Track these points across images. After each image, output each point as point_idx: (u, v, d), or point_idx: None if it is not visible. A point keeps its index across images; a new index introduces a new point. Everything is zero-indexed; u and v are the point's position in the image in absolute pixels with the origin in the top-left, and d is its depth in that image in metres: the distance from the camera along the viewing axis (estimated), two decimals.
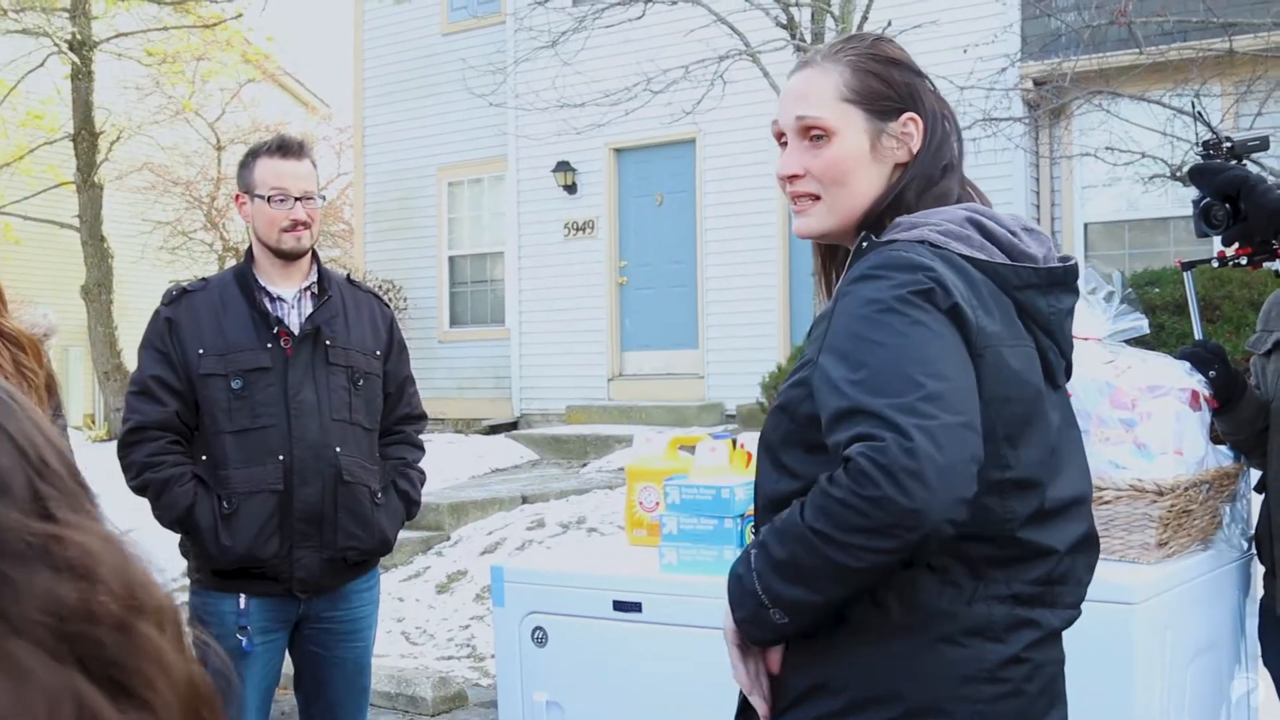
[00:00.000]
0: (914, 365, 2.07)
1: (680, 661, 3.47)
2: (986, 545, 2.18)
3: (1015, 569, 2.21)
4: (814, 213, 2.42)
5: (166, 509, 4.34)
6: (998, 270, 2.24)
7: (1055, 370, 2.35)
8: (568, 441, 15.30)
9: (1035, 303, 2.28)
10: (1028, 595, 2.22)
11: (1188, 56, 11.92)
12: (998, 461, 2.17)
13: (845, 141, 2.36)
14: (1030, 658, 2.22)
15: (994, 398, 2.16)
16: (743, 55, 12.47)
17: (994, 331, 2.19)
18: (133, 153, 23.69)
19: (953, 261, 2.20)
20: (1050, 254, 2.35)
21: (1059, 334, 2.34)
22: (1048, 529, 2.24)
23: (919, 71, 2.41)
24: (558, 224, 18.11)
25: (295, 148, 4.58)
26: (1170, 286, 11.76)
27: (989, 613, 2.18)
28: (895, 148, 2.35)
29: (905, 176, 2.34)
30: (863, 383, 2.08)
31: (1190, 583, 3.46)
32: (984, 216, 2.29)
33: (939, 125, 2.37)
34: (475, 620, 9.28)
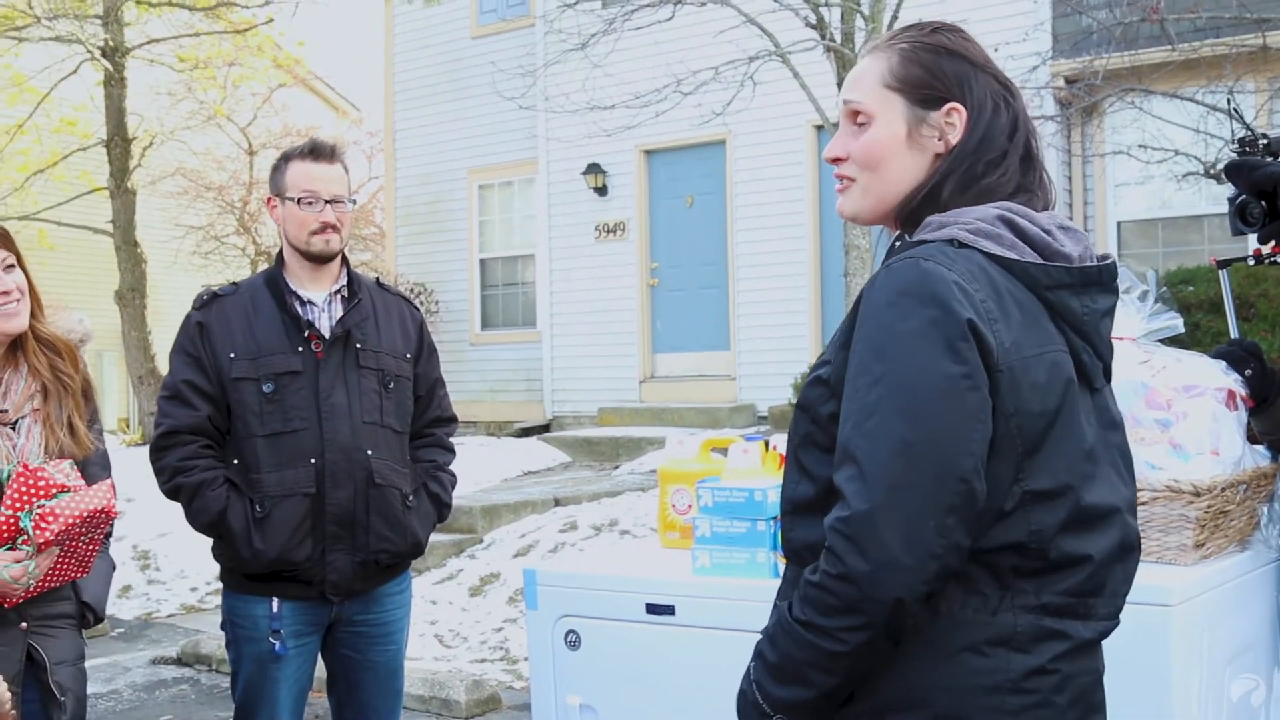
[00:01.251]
0: (900, 413, 2.09)
1: (714, 665, 3.45)
2: (1013, 555, 2.16)
3: (1044, 579, 2.18)
4: (850, 194, 2.42)
5: (199, 513, 4.35)
6: (1027, 270, 2.20)
7: (1091, 373, 2.30)
8: (599, 444, 15.29)
9: (1068, 303, 2.24)
10: (1057, 606, 2.19)
11: (1221, 53, 11.85)
12: (1015, 475, 2.15)
13: (881, 127, 2.35)
14: (1058, 669, 2.19)
15: (1012, 412, 2.14)
16: (772, 56, 12.44)
17: (1014, 343, 2.15)
18: (165, 158, 23.77)
19: (976, 263, 2.18)
20: (1087, 253, 2.31)
21: (1094, 335, 2.29)
22: (1081, 537, 2.21)
23: (977, 64, 2.36)
24: (589, 226, 18.11)
25: (327, 151, 4.59)
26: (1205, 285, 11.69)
27: (1014, 623, 2.16)
28: (934, 138, 2.33)
29: (943, 168, 2.31)
30: (856, 422, 2.13)
31: (1228, 584, 3.42)
32: (1017, 215, 2.25)
33: (989, 119, 2.32)
34: (508, 623, 9.28)
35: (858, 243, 12.05)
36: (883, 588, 2.05)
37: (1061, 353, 2.23)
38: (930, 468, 2.06)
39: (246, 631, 4.46)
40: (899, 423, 2.08)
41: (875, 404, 2.11)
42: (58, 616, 3.91)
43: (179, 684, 8.63)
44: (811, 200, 16.13)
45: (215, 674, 8.65)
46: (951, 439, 2.08)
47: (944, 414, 2.08)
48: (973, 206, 2.27)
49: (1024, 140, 2.36)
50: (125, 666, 9.11)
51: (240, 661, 4.50)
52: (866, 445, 2.10)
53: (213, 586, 10.95)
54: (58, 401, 3.92)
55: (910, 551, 2.04)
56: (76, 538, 3.73)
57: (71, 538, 3.71)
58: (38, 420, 3.87)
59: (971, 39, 2.41)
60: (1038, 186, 2.37)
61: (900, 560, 2.04)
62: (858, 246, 12.05)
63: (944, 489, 2.06)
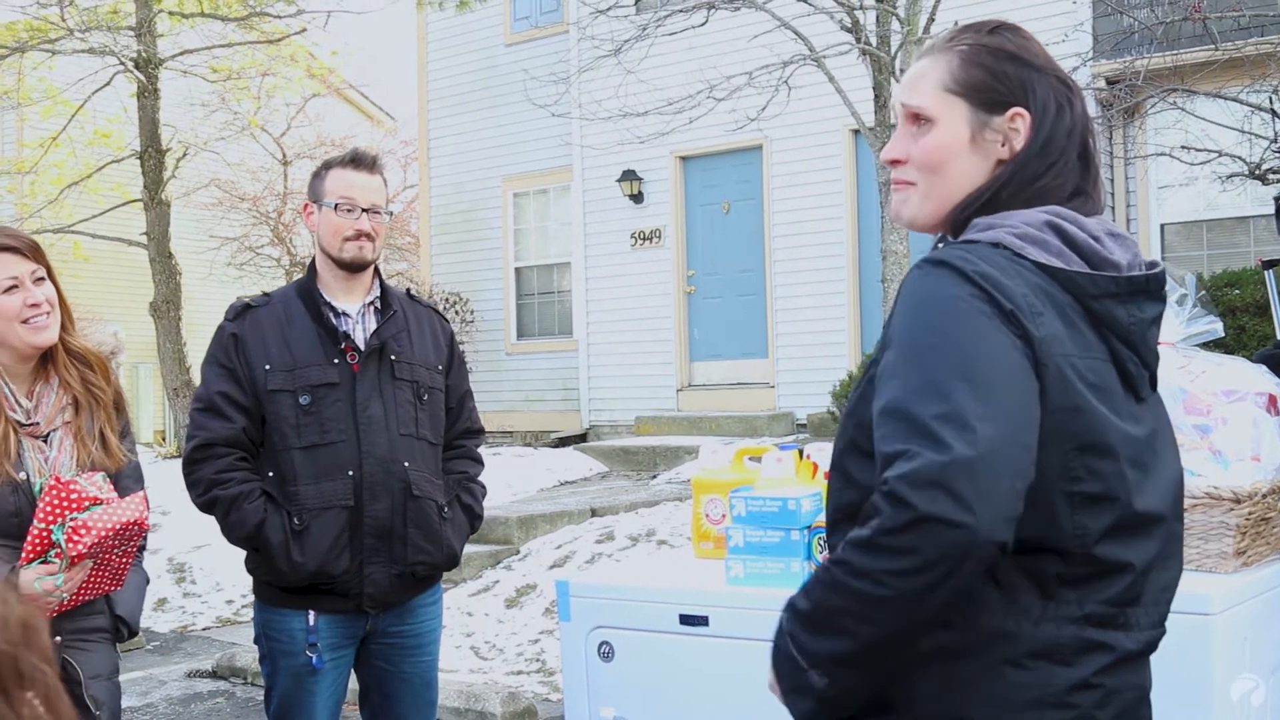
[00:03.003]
0: (962, 373, 2.03)
1: (748, 676, 3.41)
2: (1058, 561, 2.12)
3: (1089, 587, 2.14)
4: (910, 199, 2.39)
5: (235, 526, 4.34)
6: (1073, 278, 2.16)
7: (1137, 381, 2.26)
8: (637, 453, 15.28)
9: (1114, 312, 2.20)
10: (1100, 616, 2.15)
11: (1265, 51, 11.74)
12: (1066, 474, 2.11)
13: (944, 130, 2.32)
14: (1101, 683, 2.15)
15: (1060, 408, 2.10)
16: (807, 60, 12.40)
17: (1059, 341, 2.12)
18: (199, 169, 23.91)
19: (1023, 267, 2.14)
20: (1135, 260, 2.27)
21: (1140, 344, 2.25)
22: (1126, 544, 2.17)
23: (1038, 66, 2.33)
24: (624, 234, 18.11)
25: (368, 161, 4.60)
26: (1251, 288, 11.59)
27: (1057, 634, 2.12)
28: (998, 143, 2.29)
29: (1006, 172, 2.28)
30: (914, 387, 2.05)
31: (1270, 592, 3.38)
32: (1066, 220, 2.22)
33: (1053, 122, 2.28)
34: (545, 634, 9.26)
35: (895, 248, 12.00)
36: (956, 536, 1.95)
37: (1104, 362, 2.19)
38: (1002, 433, 2.00)
39: (282, 645, 4.45)
40: (963, 387, 2.01)
41: (934, 368, 2.05)
42: (91, 630, 3.91)
43: (214, 697, 8.63)
44: (849, 205, 16.09)
45: (251, 687, 8.64)
46: (1018, 407, 2.03)
47: (1007, 383, 2.04)
48: (1021, 210, 2.23)
49: (1080, 138, 2.32)
50: (160, 680, 9.12)
51: (275, 676, 4.49)
52: (926, 400, 2.03)
53: (249, 599, 10.95)
54: (89, 414, 3.92)
55: (988, 503, 1.95)
56: (109, 550, 3.72)
57: (104, 550, 3.70)
58: (69, 433, 3.87)
59: (1031, 38, 2.38)
60: (1093, 188, 2.33)
61: (976, 512, 1.94)
62: (895, 252, 12.00)
63: (1014, 449, 2.00)
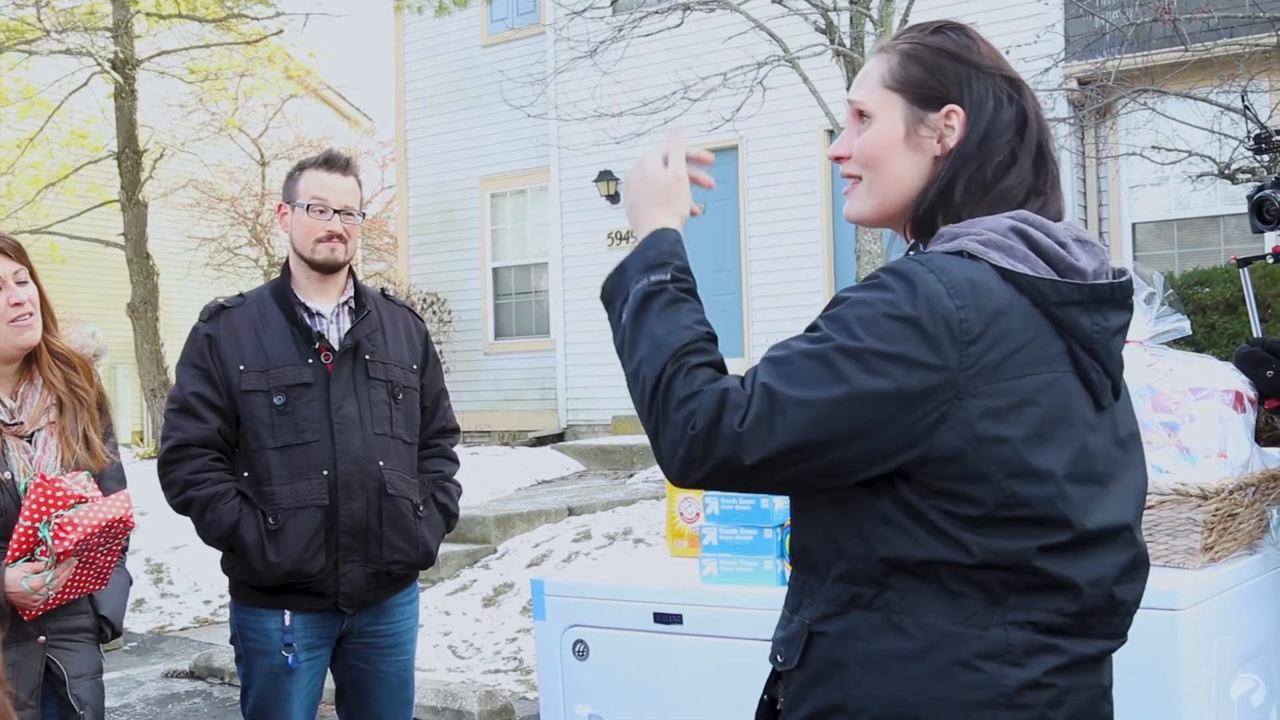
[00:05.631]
0: (836, 372, 2.07)
1: (722, 673, 3.45)
2: (1002, 573, 2.12)
3: (1035, 596, 2.14)
4: (855, 194, 2.40)
5: (210, 527, 4.34)
6: (1035, 285, 2.15)
7: (1100, 390, 2.23)
8: (614, 452, 15.29)
9: (1077, 321, 2.18)
10: (1048, 624, 2.15)
11: (1234, 52, 11.80)
12: (1001, 497, 2.10)
13: (881, 126, 2.33)
14: (1054, 683, 2.14)
15: (984, 438, 2.08)
16: (782, 61, 12.43)
17: (1012, 362, 2.10)
18: (177, 170, 23.87)
19: (983, 276, 2.12)
20: (1103, 267, 2.25)
21: (1104, 354, 2.22)
22: (1069, 561, 2.15)
23: (979, 64, 2.32)
24: (601, 234, 18.13)
25: (341, 163, 4.60)
26: (1221, 286, 11.65)
27: (1006, 637, 2.12)
28: (934, 139, 2.29)
29: (944, 171, 2.28)
30: (800, 351, 2.13)
31: (1237, 588, 3.40)
32: (1032, 226, 2.20)
33: (990, 118, 2.28)
34: (522, 633, 9.27)
35: (869, 248, 12.04)
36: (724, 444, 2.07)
37: (1063, 374, 2.17)
38: (800, 434, 2.05)
39: (258, 645, 4.45)
40: (827, 378, 2.07)
41: (823, 355, 2.09)
42: (76, 630, 3.92)
43: (192, 697, 8.63)
44: (825, 206, 16.13)
45: (228, 687, 8.64)
46: (848, 426, 2.06)
47: (862, 404, 2.05)
48: (986, 216, 2.23)
49: (1035, 140, 2.31)
50: (138, 680, 9.11)
51: (251, 676, 4.49)
52: (787, 382, 2.09)
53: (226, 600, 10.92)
54: (73, 415, 3.93)
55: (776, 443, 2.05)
56: (95, 548, 3.73)
57: (90, 548, 3.71)
58: (53, 433, 3.88)
59: (977, 37, 2.37)
60: (1050, 189, 2.32)
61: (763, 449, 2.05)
62: (869, 252, 12.04)
63: (792, 426, 2.06)
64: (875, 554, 2.14)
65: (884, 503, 2.13)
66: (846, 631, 2.18)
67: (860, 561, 2.16)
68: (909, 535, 2.12)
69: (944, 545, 2.10)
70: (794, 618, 2.27)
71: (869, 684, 2.16)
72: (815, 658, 2.22)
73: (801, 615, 2.25)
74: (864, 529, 2.15)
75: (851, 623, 2.17)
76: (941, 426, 2.07)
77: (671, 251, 2.32)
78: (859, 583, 2.16)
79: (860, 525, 2.16)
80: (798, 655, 2.23)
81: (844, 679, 2.18)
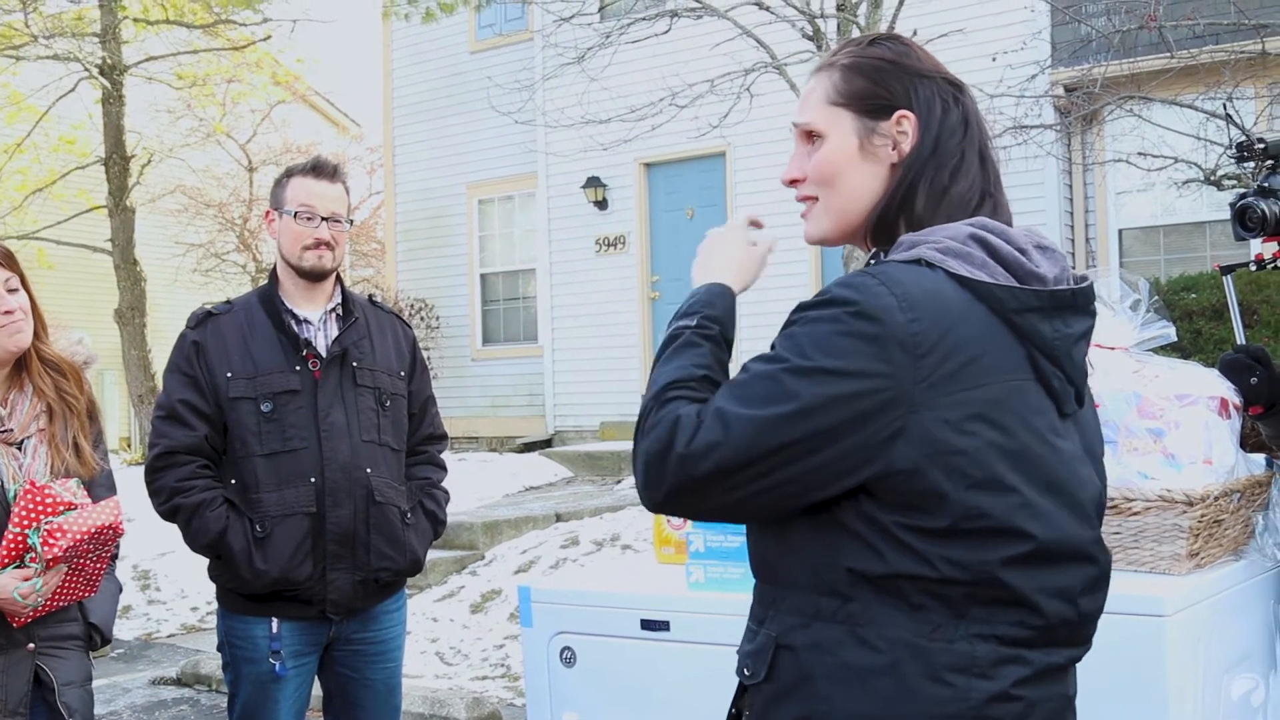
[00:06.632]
0: (782, 389, 2.11)
1: (708, 680, 3.44)
2: (964, 586, 2.11)
3: (999, 610, 2.13)
4: (813, 215, 2.43)
5: (198, 534, 4.33)
6: (993, 292, 2.14)
7: (1062, 398, 2.22)
8: (602, 458, 15.28)
9: (1037, 327, 2.17)
10: (1013, 637, 2.14)
11: (1220, 59, 11.82)
12: (963, 512, 2.09)
13: (833, 142, 2.34)
14: (1022, 695, 2.14)
15: (944, 450, 2.08)
16: (769, 68, 12.44)
17: (968, 373, 2.10)
18: (165, 176, 23.80)
19: (940, 285, 2.12)
20: (1064, 273, 2.24)
21: (1065, 360, 2.21)
22: (1037, 575, 2.15)
23: (919, 70, 2.33)
24: (589, 240, 18.12)
25: (329, 170, 4.60)
26: (1207, 292, 11.68)
27: (972, 650, 2.11)
28: (888, 147, 2.30)
29: (903, 177, 2.29)
30: (737, 394, 2.15)
31: (1223, 594, 3.40)
32: (991, 233, 2.20)
33: (940, 119, 2.29)
34: (510, 640, 9.26)
35: (857, 253, 12.03)
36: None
37: (1023, 381, 2.16)
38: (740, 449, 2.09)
39: (245, 653, 4.45)
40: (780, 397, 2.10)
41: (778, 377, 2.12)
42: (65, 638, 3.91)
43: (179, 705, 8.61)
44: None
45: (215, 694, 8.63)
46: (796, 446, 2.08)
47: (810, 416, 2.08)
48: (946, 224, 2.23)
49: (978, 141, 2.33)
50: (125, 688, 9.10)
51: (239, 683, 4.49)
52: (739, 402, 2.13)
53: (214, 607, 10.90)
54: (63, 422, 3.93)
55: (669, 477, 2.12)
56: (84, 555, 3.73)
57: (79, 555, 3.71)
58: (43, 440, 3.88)
59: (914, 46, 2.38)
60: (997, 190, 2.32)
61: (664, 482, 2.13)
62: (857, 258, 12.03)
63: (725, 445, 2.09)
64: (839, 566, 2.14)
65: (846, 516, 2.13)
66: (813, 645, 2.17)
67: (824, 573, 2.16)
68: (871, 549, 2.12)
69: (907, 558, 2.10)
70: (760, 630, 2.27)
71: (837, 698, 2.15)
72: (783, 671, 2.21)
73: (767, 628, 2.24)
74: (826, 541, 2.16)
75: (817, 635, 2.17)
76: (899, 441, 2.08)
77: (705, 302, 2.43)
78: (823, 594, 2.16)
79: (823, 537, 2.16)
80: (765, 669, 2.23)
81: (812, 693, 2.18)
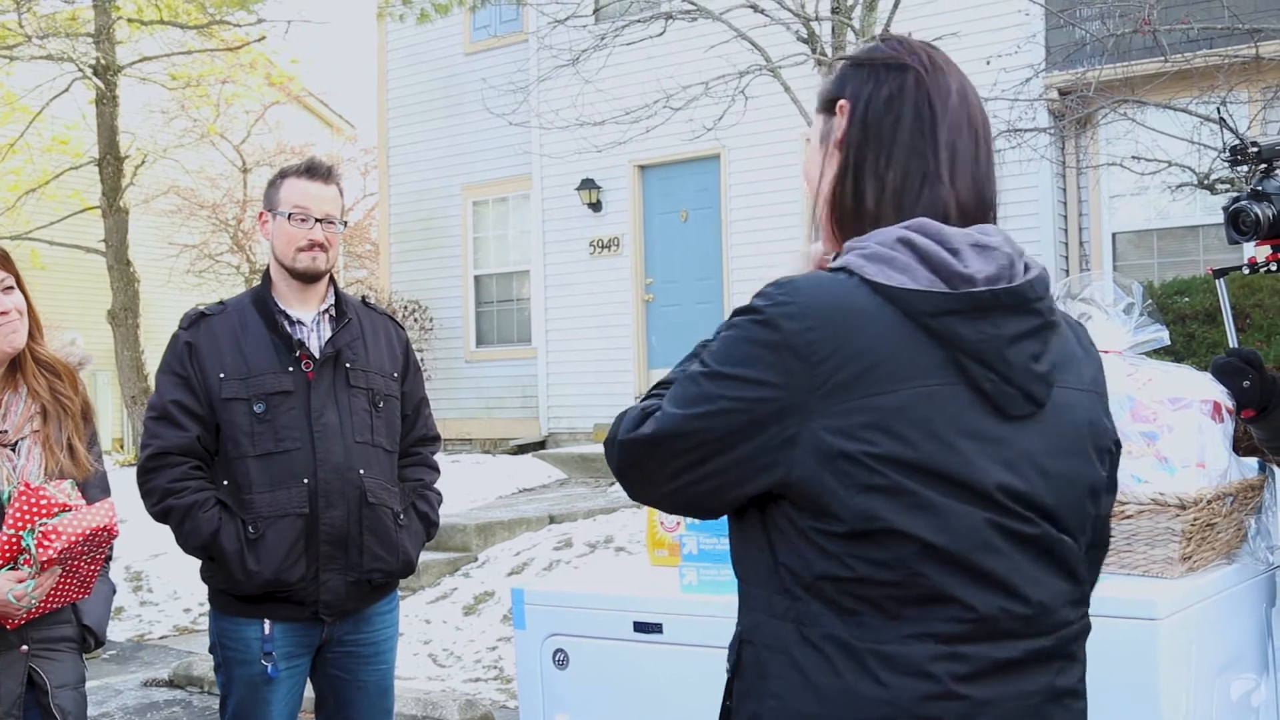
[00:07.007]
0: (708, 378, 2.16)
1: (701, 682, 3.44)
2: (887, 587, 2.09)
3: (929, 608, 2.10)
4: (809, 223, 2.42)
5: (190, 535, 4.33)
6: (905, 297, 2.11)
7: (1001, 400, 2.16)
8: (595, 460, 15.27)
9: (955, 330, 2.12)
10: (948, 633, 2.11)
11: (1214, 63, 11.82)
12: (858, 514, 2.08)
13: (810, 147, 2.39)
14: (965, 694, 2.10)
15: (840, 454, 2.08)
16: (764, 70, 12.44)
17: (867, 380, 2.09)
18: (158, 176, 23.81)
19: (847, 296, 2.12)
20: (1004, 272, 2.17)
21: (998, 362, 2.15)
22: (957, 570, 2.11)
23: (867, 60, 2.32)
24: (583, 242, 18.12)
25: (323, 171, 4.60)
26: (1200, 296, 11.69)
27: (906, 650, 2.09)
28: (835, 137, 2.31)
29: (842, 164, 2.29)
30: (669, 393, 2.22)
31: (1215, 597, 3.40)
32: (923, 233, 2.16)
33: (868, 98, 2.29)
34: (503, 641, 9.26)
35: None
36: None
37: (939, 386, 2.13)
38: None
39: (238, 654, 4.44)
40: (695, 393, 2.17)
41: (695, 377, 2.17)
42: (59, 639, 3.90)
43: (171, 706, 8.60)
44: (806, 215, 16.11)
45: (207, 696, 8.62)
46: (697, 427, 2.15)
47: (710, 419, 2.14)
48: (884, 229, 2.20)
49: (925, 115, 2.27)
50: (117, 689, 9.08)
51: (231, 685, 4.48)
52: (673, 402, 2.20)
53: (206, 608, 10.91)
54: (57, 423, 3.92)
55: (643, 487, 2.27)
56: (78, 557, 3.72)
57: (74, 557, 3.70)
58: (37, 442, 3.87)
59: (900, 41, 2.37)
60: (951, 171, 2.26)
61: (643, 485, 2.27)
62: None
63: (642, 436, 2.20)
64: (780, 565, 2.15)
65: (775, 516, 2.16)
66: (769, 642, 2.18)
67: (773, 571, 2.17)
68: (797, 550, 2.13)
69: (825, 560, 2.10)
70: (737, 625, 2.29)
71: (787, 697, 2.15)
72: (746, 666, 2.23)
73: (739, 623, 2.27)
74: (770, 539, 2.17)
75: (773, 633, 2.17)
76: (795, 448, 2.09)
77: None
78: (777, 591, 2.17)
79: (767, 535, 2.18)
80: (733, 663, 2.26)
81: (765, 690, 2.19)
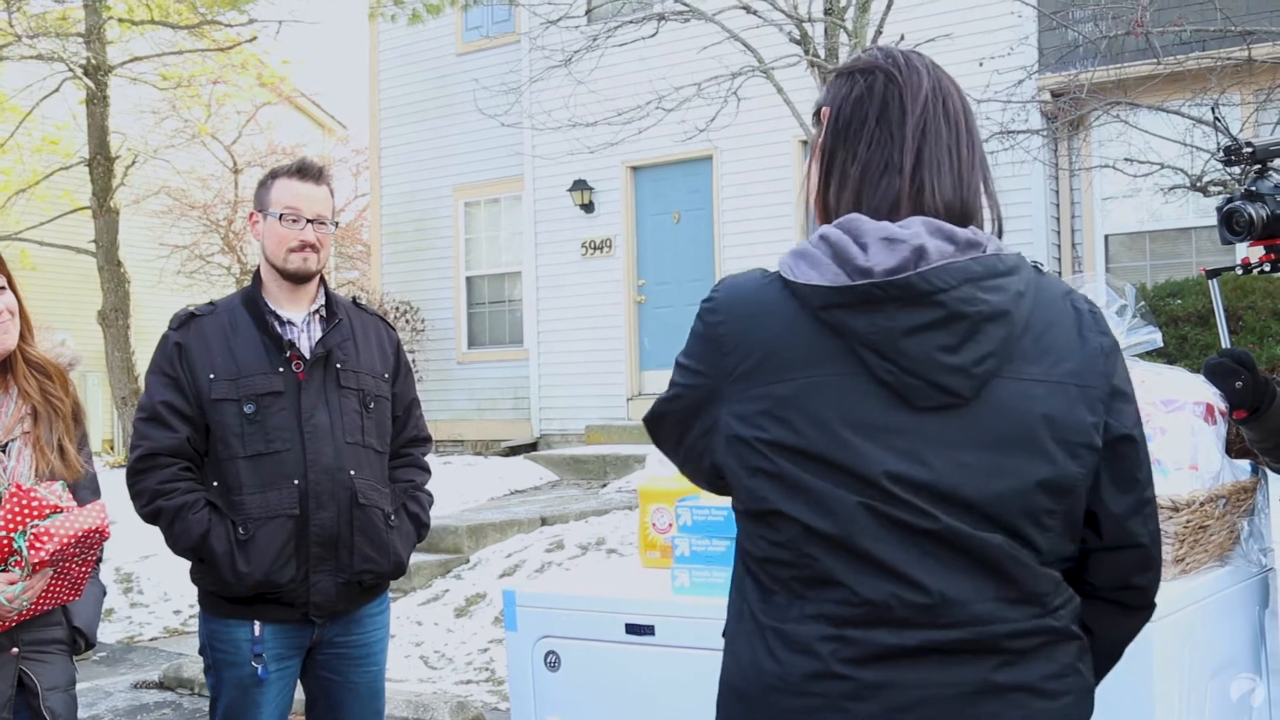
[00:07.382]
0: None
1: (693, 684, 3.43)
2: (786, 567, 2.22)
3: (823, 589, 2.18)
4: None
5: (180, 537, 4.31)
6: (800, 291, 2.21)
7: (905, 391, 2.16)
8: (587, 462, 15.27)
9: (846, 322, 2.17)
10: (840, 616, 2.16)
11: (1206, 65, 11.83)
12: (748, 495, 2.26)
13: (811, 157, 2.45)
14: (852, 675, 2.14)
15: (745, 439, 2.24)
16: (756, 72, 12.44)
17: (765, 369, 2.22)
18: (149, 177, 23.78)
19: (758, 291, 2.28)
20: (906, 263, 2.16)
21: (894, 353, 2.15)
22: (847, 555, 2.15)
23: (841, 70, 2.42)
24: (575, 243, 18.13)
25: (314, 172, 4.59)
26: (1193, 298, 11.69)
27: (799, 629, 2.20)
28: (817, 143, 2.39)
29: (820, 166, 2.37)
30: None
31: (1208, 599, 3.41)
32: (841, 228, 2.22)
33: (840, 100, 2.36)
34: (494, 643, 9.25)
35: None
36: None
37: (836, 377, 2.18)
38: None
39: (228, 656, 4.43)
40: None
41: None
42: (49, 642, 3.89)
43: (161, 708, 8.58)
44: (799, 216, 16.12)
45: (198, 698, 8.60)
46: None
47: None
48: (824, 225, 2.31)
49: (892, 112, 2.31)
50: (107, 691, 9.06)
51: (221, 687, 4.47)
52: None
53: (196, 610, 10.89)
54: (48, 424, 3.90)
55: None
56: (70, 559, 3.71)
57: (65, 558, 3.69)
58: (28, 443, 3.85)
59: (886, 52, 2.42)
60: (911, 161, 2.28)
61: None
62: None
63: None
64: (740, 545, 2.35)
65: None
66: (732, 614, 2.36)
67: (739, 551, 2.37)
68: (742, 532, 2.32)
69: (748, 541, 2.29)
70: None
71: (727, 668, 2.33)
72: (726, 633, 2.40)
73: None
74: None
75: (734, 609, 2.35)
76: (715, 433, 2.29)
77: None
78: (739, 569, 2.36)
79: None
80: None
81: (724, 659, 2.36)
